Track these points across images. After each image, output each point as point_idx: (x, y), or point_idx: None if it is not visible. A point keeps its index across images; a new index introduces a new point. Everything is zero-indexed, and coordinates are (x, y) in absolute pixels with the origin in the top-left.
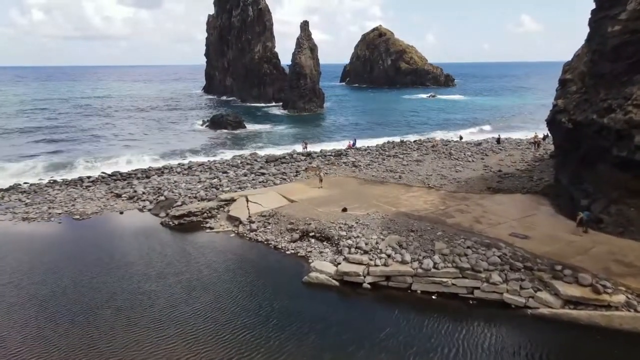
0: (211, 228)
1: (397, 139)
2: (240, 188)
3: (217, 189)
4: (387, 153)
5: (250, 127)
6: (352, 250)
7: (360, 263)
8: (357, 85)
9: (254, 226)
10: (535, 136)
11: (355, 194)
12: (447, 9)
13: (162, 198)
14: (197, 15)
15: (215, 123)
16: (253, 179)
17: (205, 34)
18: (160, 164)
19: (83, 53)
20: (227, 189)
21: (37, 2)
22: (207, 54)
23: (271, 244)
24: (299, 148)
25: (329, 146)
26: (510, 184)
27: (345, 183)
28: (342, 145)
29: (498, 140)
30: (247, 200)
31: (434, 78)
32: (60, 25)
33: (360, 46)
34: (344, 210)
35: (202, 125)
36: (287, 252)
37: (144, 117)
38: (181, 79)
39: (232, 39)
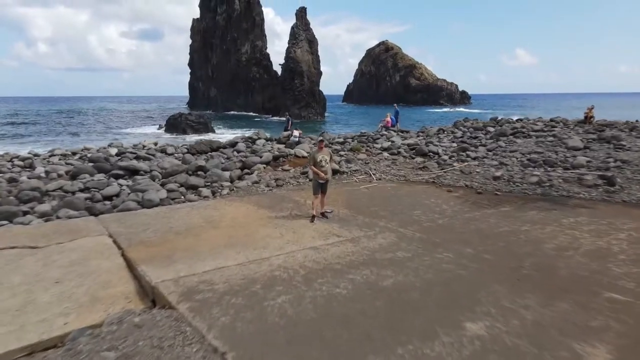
0: None
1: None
2: None
3: None
4: (490, 130)
5: (221, 132)
6: None
7: None
8: (361, 104)
9: None
10: None
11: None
12: (443, 41)
13: None
14: None
15: (172, 126)
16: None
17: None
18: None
19: (86, 84)
20: None
21: (43, 35)
22: (190, 64)
23: None
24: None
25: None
26: None
27: (415, 207)
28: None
29: None
30: None
31: (449, 95)
32: (65, 57)
33: (364, 62)
34: None
35: (158, 129)
36: None
37: (99, 120)
38: (172, 102)
39: (216, 40)
